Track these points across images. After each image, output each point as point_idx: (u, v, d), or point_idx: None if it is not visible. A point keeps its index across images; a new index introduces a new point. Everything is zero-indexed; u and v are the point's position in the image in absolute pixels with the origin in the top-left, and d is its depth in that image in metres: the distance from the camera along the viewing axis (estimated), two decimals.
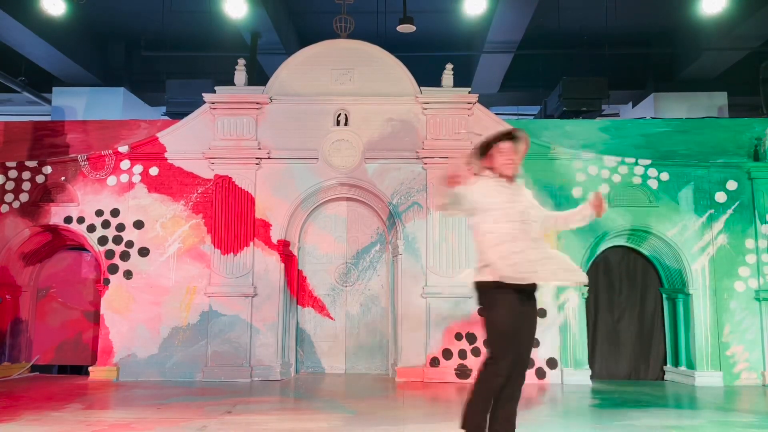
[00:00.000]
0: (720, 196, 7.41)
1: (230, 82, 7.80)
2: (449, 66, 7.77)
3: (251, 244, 7.51)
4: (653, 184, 7.45)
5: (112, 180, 7.62)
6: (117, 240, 7.52)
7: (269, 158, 7.62)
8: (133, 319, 7.39)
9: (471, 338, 7.28)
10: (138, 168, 7.65)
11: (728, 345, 7.18)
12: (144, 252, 7.50)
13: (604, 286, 7.73)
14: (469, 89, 7.74)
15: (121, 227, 7.53)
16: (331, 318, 7.93)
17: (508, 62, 11.43)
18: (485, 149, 3.93)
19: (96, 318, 7.65)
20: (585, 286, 7.39)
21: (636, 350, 7.64)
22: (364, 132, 7.67)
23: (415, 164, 7.62)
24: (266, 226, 7.55)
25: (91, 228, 7.53)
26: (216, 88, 7.76)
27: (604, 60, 11.21)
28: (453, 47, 11.47)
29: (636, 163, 7.50)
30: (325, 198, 7.83)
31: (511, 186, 3.89)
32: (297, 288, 7.87)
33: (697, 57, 11.19)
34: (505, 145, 3.97)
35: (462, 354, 7.27)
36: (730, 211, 7.39)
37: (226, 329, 7.35)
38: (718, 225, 7.38)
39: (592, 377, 7.28)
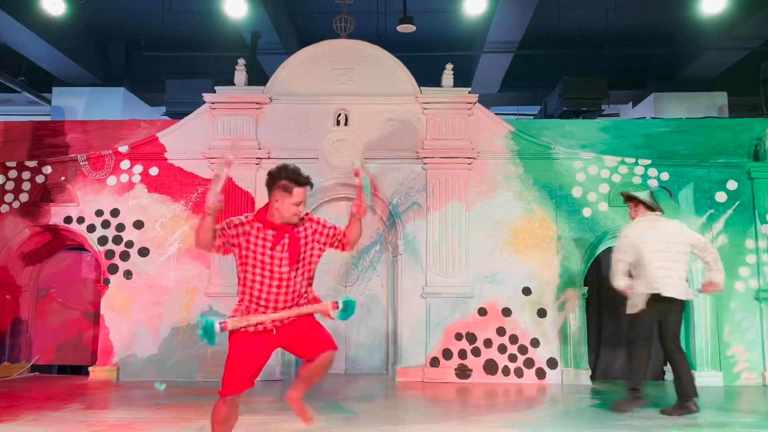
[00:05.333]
0: (720, 196, 7.41)
1: (230, 82, 7.80)
2: (449, 66, 7.77)
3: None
4: (653, 184, 7.45)
5: (112, 180, 7.62)
6: (117, 240, 7.52)
7: (269, 158, 7.62)
8: (133, 319, 7.39)
9: (471, 338, 7.28)
10: (138, 168, 7.65)
11: (728, 345, 7.18)
12: (144, 252, 7.50)
13: (604, 286, 7.72)
14: (469, 89, 7.75)
15: (121, 227, 7.53)
16: (331, 318, 7.90)
17: (508, 62, 11.43)
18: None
19: (96, 318, 7.65)
20: (585, 286, 7.40)
21: None
22: (364, 132, 7.67)
23: (415, 164, 7.62)
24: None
25: (91, 228, 7.53)
26: (216, 88, 7.76)
27: (604, 60, 11.21)
28: (453, 47, 11.47)
29: (636, 163, 7.50)
30: (325, 198, 7.83)
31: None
32: None
33: (697, 57, 11.20)
34: None
35: (462, 354, 7.27)
36: (730, 211, 7.39)
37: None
38: (718, 225, 7.38)
39: (592, 377, 7.29)
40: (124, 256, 7.49)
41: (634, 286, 5.32)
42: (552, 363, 7.23)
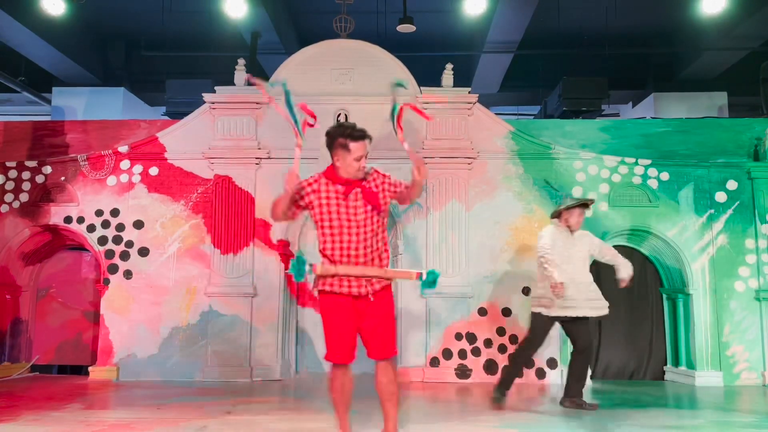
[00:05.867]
0: (720, 196, 7.41)
1: (230, 82, 7.80)
2: (449, 66, 7.76)
3: (251, 244, 7.51)
4: (653, 184, 7.45)
5: (111, 180, 7.62)
6: (117, 240, 7.52)
7: (269, 158, 7.62)
8: (133, 319, 7.39)
9: (471, 338, 7.28)
10: (138, 168, 7.64)
11: (728, 345, 7.18)
12: (144, 252, 7.50)
13: (604, 287, 7.70)
14: (469, 89, 7.74)
15: (121, 227, 7.53)
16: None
17: (508, 62, 11.43)
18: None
19: (96, 318, 7.65)
20: None
21: (636, 350, 7.64)
22: None
23: None
24: (266, 226, 7.55)
25: (91, 228, 7.53)
26: (216, 88, 7.75)
27: (604, 60, 11.21)
28: (453, 47, 11.47)
29: (636, 163, 7.50)
30: None
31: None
32: (297, 288, 7.87)
33: (697, 57, 11.20)
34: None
35: (462, 354, 7.27)
36: (730, 211, 7.39)
37: (226, 329, 7.35)
38: (718, 225, 7.38)
39: (592, 377, 7.29)
40: (124, 256, 7.49)
41: (542, 286, 5.59)
42: (552, 363, 7.23)
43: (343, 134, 3.49)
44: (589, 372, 7.26)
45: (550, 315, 5.51)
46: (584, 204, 5.75)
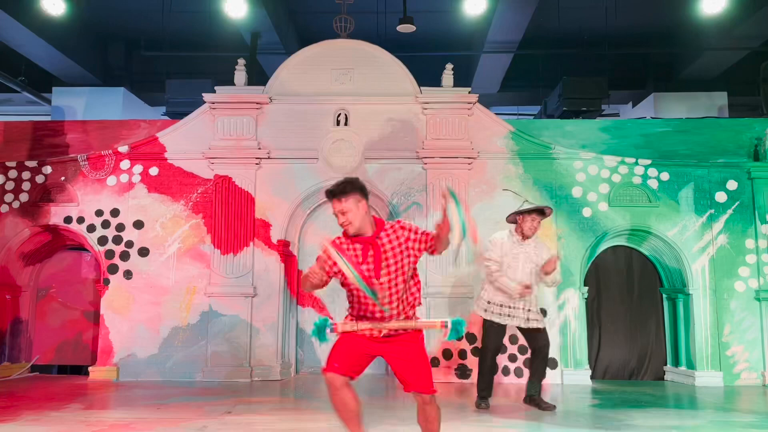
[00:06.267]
0: (720, 196, 7.41)
1: (230, 82, 7.80)
2: (449, 66, 7.76)
3: (251, 244, 7.51)
4: (653, 184, 7.45)
5: (111, 180, 7.62)
6: (117, 240, 7.52)
7: (269, 158, 7.62)
8: (133, 319, 7.39)
9: (471, 338, 7.28)
10: (138, 168, 7.64)
11: (728, 345, 7.18)
12: (144, 252, 7.50)
13: (604, 286, 7.73)
14: (469, 89, 7.74)
15: (121, 227, 7.53)
16: (332, 318, 7.92)
17: (508, 62, 11.43)
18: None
19: (96, 318, 7.65)
20: (585, 286, 7.39)
21: (636, 350, 7.63)
22: (364, 132, 7.67)
23: (415, 164, 7.62)
24: (266, 226, 7.55)
25: (91, 228, 7.53)
26: (216, 88, 7.76)
27: (604, 60, 11.22)
28: (453, 47, 11.47)
29: (636, 163, 7.50)
30: (325, 198, 7.81)
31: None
32: (297, 288, 7.87)
33: (697, 57, 11.20)
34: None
35: (462, 354, 7.27)
36: (730, 211, 7.39)
37: (226, 329, 7.35)
38: (718, 225, 7.37)
39: (592, 377, 7.29)
40: (124, 256, 7.49)
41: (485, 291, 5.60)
42: (552, 363, 7.22)
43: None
44: (589, 372, 7.27)
45: (489, 319, 5.54)
46: (540, 210, 5.60)
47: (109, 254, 7.49)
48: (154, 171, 7.63)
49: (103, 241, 7.51)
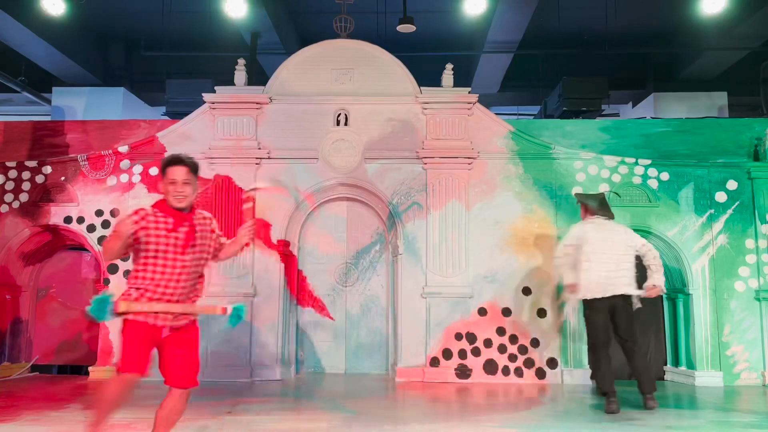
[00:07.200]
0: (720, 196, 7.41)
1: (230, 82, 7.80)
2: (449, 66, 7.76)
3: (251, 244, 7.50)
4: (653, 184, 7.45)
5: (112, 180, 7.62)
6: None
7: (269, 158, 7.62)
8: None
9: (471, 338, 7.28)
10: (138, 168, 7.64)
11: (728, 345, 7.18)
12: None
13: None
14: (469, 89, 7.74)
15: None
16: (331, 318, 7.93)
17: (508, 62, 11.44)
18: None
19: None
20: None
21: None
22: (364, 132, 7.67)
23: (415, 164, 7.62)
24: (266, 226, 7.54)
25: (91, 228, 7.53)
26: (216, 88, 7.75)
27: (604, 60, 11.23)
28: (453, 47, 11.48)
29: (636, 163, 7.50)
30: (324, 198, 7.83)
31: None
32: (297, 288, 7.87)
33: (697, 57, 11.21)
34: None
35: (462, 354, 7.27)
36: (730, 211, 7.39)
37: (226, 329, 7.34)
38: (718, 225, 7.38)
39: (592, 377, 7.27)
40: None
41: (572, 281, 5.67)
42: (552, 363, 7.23)
43: (163, 162, 3.47)
44: (589, 372, 7.26)
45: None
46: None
47: None
48: (154, 171, 7.62)
49: (103, 240, 7.50)
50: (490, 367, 7.23)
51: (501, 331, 7.29)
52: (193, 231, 3.42)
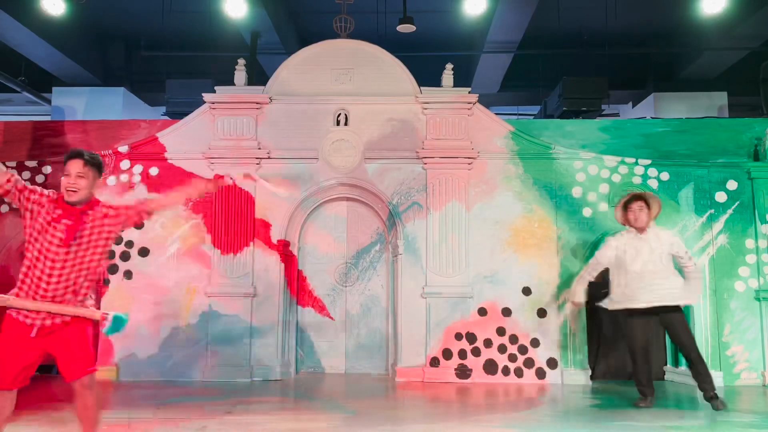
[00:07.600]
0: (720, 196, 7.41)
1: (230, 82, 7.80)
2: (449, 66, 7.76)
3: (251, 244, 7.51)
4: (653, 184, 7.45)
5: (112, 180, 7.62)
6: (117, 240, 7.49)
7: (269, 158, 7.62)
8: (133, 319, 7.35)
9: (471, 338, 7.28)
10: (138, 168, 7.64)
11: (728, 345, 7.18)
12: (144, 252, 7.49)
13: (604, 286, 7.71)
14: (469, 89, 7.74)
15: None
16: (331, 318, 7.93)
17: (508, 62, 11.43)
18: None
19: None
20: None
21: None
22: (364, 132, 7.67)
23: (415, 164, 7.62)
24: (266, 226, 7.55)
25: None
26: (216, 88, 7.76)
27: (604, 60, 11.22)
28: (453, 47, 11.47)
29: (636, 163, 7.50)
30: (324, 198, 7.83)
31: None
32: (297, 288, 7.87)
33: (697, 57, 11.20)
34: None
35: (462, 354, 7.27)
36: (730, 211, 7.39)
37: (226, 329, 7.35)
38: (718, 225, 7.38)
39: (592, 377, 7.29)
40: (125, 256, 7.49)
41: (614, 292, 5.76)
42: (552, 363, 7.23)
43: (65, 155, 3.40)
44: (589, 372, 7.28)
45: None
46: (637, 197, 5.73)
47: (110, 254, 7.48)
48: (154, 171, 7.63)
49: None
50: (490, 367, 7.24)
51: (501, 331, 7.29)
52: (78, 226, 3.29)
